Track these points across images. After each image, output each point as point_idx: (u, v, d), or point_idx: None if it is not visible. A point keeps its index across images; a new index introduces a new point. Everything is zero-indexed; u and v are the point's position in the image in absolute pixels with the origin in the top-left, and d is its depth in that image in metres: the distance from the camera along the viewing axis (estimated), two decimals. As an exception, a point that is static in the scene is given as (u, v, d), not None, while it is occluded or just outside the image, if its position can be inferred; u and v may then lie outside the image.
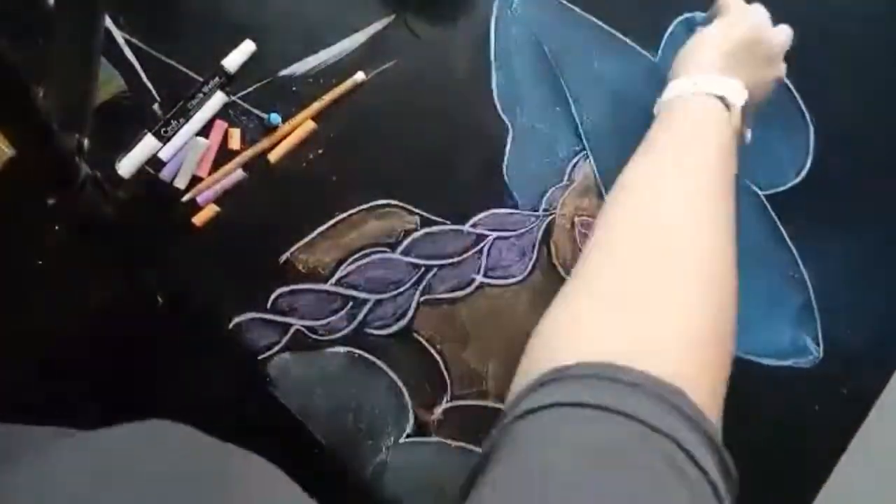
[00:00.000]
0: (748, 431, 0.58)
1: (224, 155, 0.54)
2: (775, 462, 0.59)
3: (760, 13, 0.51)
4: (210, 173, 0.53)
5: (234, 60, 0.53)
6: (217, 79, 0.53)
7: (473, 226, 0.56)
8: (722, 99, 0.44)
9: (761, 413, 0.58)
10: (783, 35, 0.52)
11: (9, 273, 0.52)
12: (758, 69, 0.49)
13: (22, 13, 0.51)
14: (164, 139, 0.52)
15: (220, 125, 0.53)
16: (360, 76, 0.55)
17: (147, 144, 0.52)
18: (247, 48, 0.54)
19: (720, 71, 0.46)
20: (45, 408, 0.52)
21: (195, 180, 0.53)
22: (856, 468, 0.58)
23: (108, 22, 0.53)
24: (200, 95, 0.53)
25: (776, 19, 0.55)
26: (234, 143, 0.54)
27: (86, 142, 0.37)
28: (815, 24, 0.61)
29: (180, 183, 0.53)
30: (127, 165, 0.51)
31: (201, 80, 0.53)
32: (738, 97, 0.44)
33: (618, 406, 0.27)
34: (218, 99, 0.53)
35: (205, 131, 0.53)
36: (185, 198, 0.53)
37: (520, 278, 0.57)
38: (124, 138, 0.52)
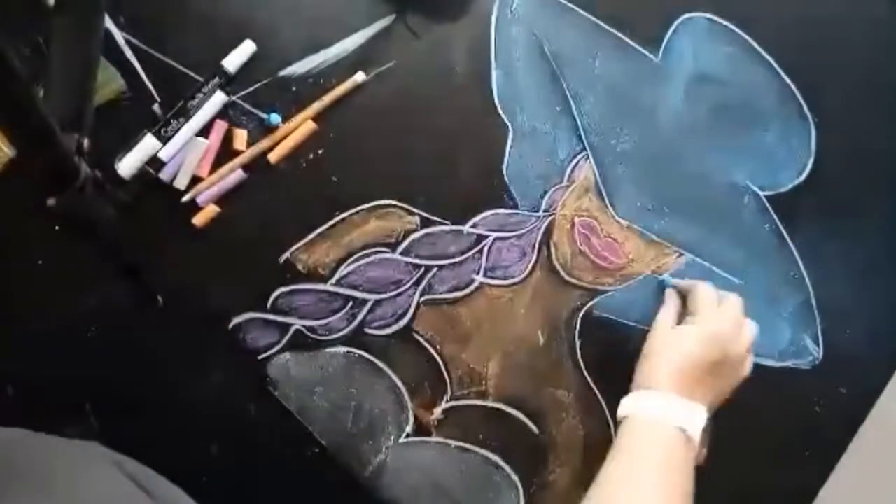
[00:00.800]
0: (748, 432, 0.58)
1: (227, 155, 0.54)
2: (776, 462, 0.59)
3: (729, 318, 0.51)
4: (210, 173, 0.53)
5: (234, 61, 0.53)
6: (217, 79, 0.53)
7: (473, 226, 0.56)
8: (682, 430, 0.46)
9: (761, 414, 0.58)
10: (749, 336, 0.52)
11: (9, 273, 0.52)
12: (724, 383, 0.51)
13: (22, 13, 0.51)
14: (164, 139, 0.52)
15: (221, 125, 0.53)
16: (360, 76, 0.55)
17: (147, 144, 0.52)
18: (247, 49, 0.54)
19: (686, 394, 0.48)
20: (45, 408, 0.52)
21: (196, 180, 0.53)
22: (856, 468, 0.58)
23: (108, 22, 0.53)
24: (200, 95, 0.53)
25: (779, 19, 0.55)
26: (240, 143, 0.54)
27: (86, 142, 0.37)
28: (816, 25, 0.62)
29: (180, 183, 0.53)
30: (127, 165, 0.51)
31: (201, 79, 0.53)
32: (697, 429, 0.46)
33: None
34: (218, 99, 0.53)
35: (205, 131, 0.53)
36: (186, 198, 0.53)
37: (520, 279, 0.57)
38: (124, 138, 0.52)
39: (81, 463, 0.30)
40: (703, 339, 0.50)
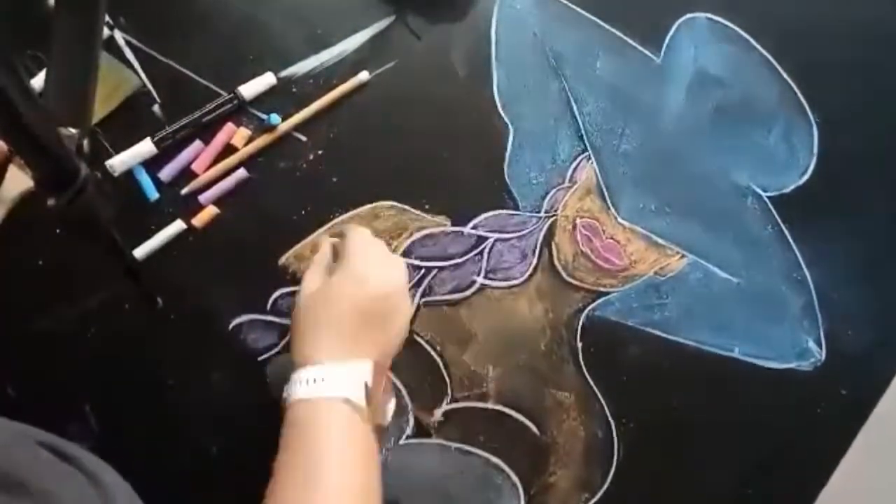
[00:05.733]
0: (750, 434, 0.58)
1: (227, 155, 0.54)
2: (777, 463, 0.58)
3: (370, 266, 0.46)
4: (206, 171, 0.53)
5: (251, 89, 0.53)
6: (230, 105, 0.53)
7: (474, 227, 0.56)
8: (346, 400, 0.41)
9: (763, 415, 0.58)
10: (400, 271, 0.47)
11: (9, 273, 0.52)
12: (384, 329, 0.45)
13: (22, 14, 0.51)
14: (163, 148, 0.52)
15: (230, 127, 0.53)
16: (363, 75, 0.55)
17: (143, 149, 0.52)
18: (267, 80, 0.54)
19: (345, 350, 0.43)
20: (45, 408, 0.52)
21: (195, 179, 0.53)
22: (858, 470, 0.58)
23: (108, 22, 0.53)
24: (211, 115, 0.53)
25: (781, 18, 0.55)
26: (240, 143, 0.53)
27: (86, 142, 0.37)
28: (818, 25, 0.61)
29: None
30: (118, 163, 0.51)
31: (202, 80, 0.53)
32: (360, 393, 0.41)
33: None
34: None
35: (212, 130, 0.53)
36: (185, 190, 0.53)
37: (521, 280, 0.57)
38: (124, 139, 0.52)
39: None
40: (348, 288, 0.44)
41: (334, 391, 0.41)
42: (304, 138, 0.55)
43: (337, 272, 0.46)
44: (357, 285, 0.45)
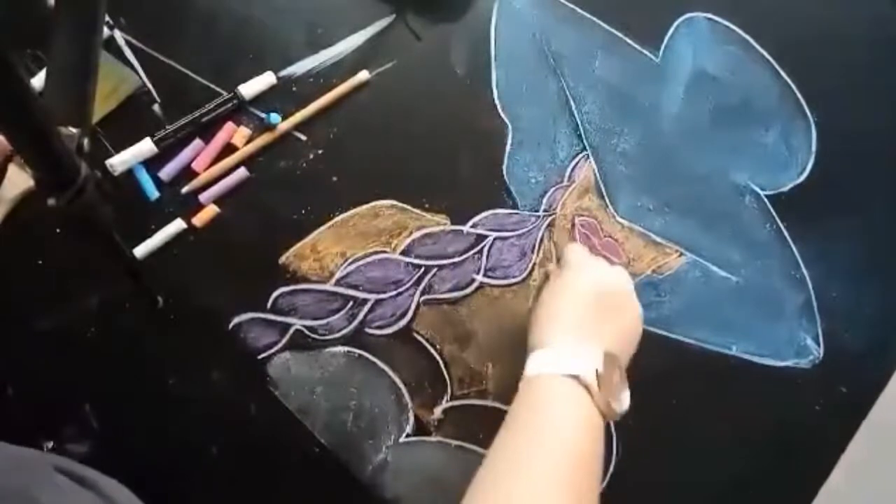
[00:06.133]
0: (749, 431, 0.58)
1: (227, 154, 0.54)
2: (776, 461, 0.59)
3: (594, 259, 0.50)
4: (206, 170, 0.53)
5: (251, 88, 0.53)
6: (230, 104, 0.53)
7: (473, 226, 0.56)
8: (577, 378, 0.43)
9: (762, 413, 0.58)
10: (625, 277, 0.50)
11: (9, 273, 0.52)
12: (616, 321, 0.47)
13: (22, 13, 0.51)
14: (163, 147, 0.52)
15: (228, 126, 0.53)
16: (363, 75, 0.55)
17: (143, 148, 0.52)
18: (267, 79, 0.54)
19: (576, 338, 0.45)
20: (45, 408, 0.52)
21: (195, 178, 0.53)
22: (856, 468, 0.58)
23: (108, 21, 0.53)
24: (211, 115, 0.53)
25: (779, 18, 0.55)
26: (240, 142, 0.54)
27: (86, 142, 0.37)
28: (817, 25, 0.62)
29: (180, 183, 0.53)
30: (118, 163, 0.52)
31: (203, 81, 0.53)
32: (591, 373, 0.43)
33: None
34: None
35: (212, 129, 0.53)
36: (185, 189, 0.53)
37: (520, 278, 0.57)
38: (124, 138, 0.52)
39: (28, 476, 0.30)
40: (579, 282, 0.48)
41: (565, 369, 0.43)
42: (304, 138, 0.55)
43: (568, 271, 0.49)
44: (585, 276, 0.48)
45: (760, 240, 0.60)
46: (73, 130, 0.37)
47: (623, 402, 0.45)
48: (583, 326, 0.46)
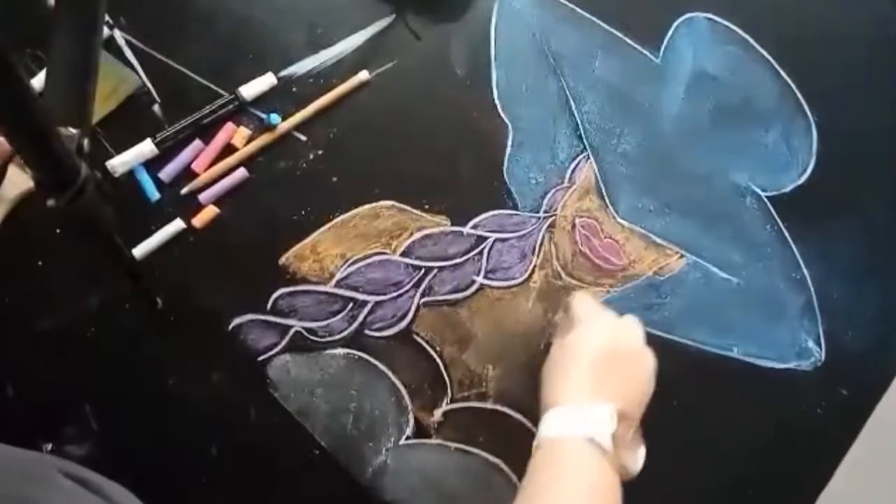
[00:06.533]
0: (750, 433, 0.58)
1: (227, 154, 0.54)
2: (778, 464, 0.58)
3: (607, 314, 0.49)
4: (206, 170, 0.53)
5: (252, 89, 0.53)
6: (231, 106, 0.53)
7: (474, 227, 0.56)
8: (592, 440, 0.42)
9: (763, 415, 0.58)
10: (637, 326, 0.49)
11: (9, 273, 0.52)
12: (630, 377, 0.47)
13: (22, 13, 0.51)
14: (163, 148, 0.52)
15: (228, 126, 0.53)
16: (363, 75, 0.55)
17: (143, 149, 0.52)
18: (267, 80, 0.54)
19: (589, 396, 0.45)
20: (45, 408, 0.52)
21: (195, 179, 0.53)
22: (858, 470, 0.58)
23: (108, 21, 0.53)
24: (211, 116, 0.53)
25: (780, 18, 0.55)
26: (240, 142, 0.54)
27: (86, 142, 0.37)
28: (817, 25, 0.61)
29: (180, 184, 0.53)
30: (119, 167, 0.52)
31: (203, 81, 0.53)
32: (605, 434, 0.42)
33: None
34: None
35: (212, 130, 0.53)
36: (185, 190, 0.53)
37: (520, 280, 0.57)
38: (125, 138, 0.52)
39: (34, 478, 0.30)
40: (589, 338, 0.47)
41: (579, 431, 0.43)
42: (304, 138, 0.55)
43: (579, 327, 0.49)
44: (595, 333, 0.48)
45: (761, 241, 0.60)
46: (73, 131, 0.37)
47: (638, 460, 0.45)
48: (596, 385, 0.45)
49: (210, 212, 0.53)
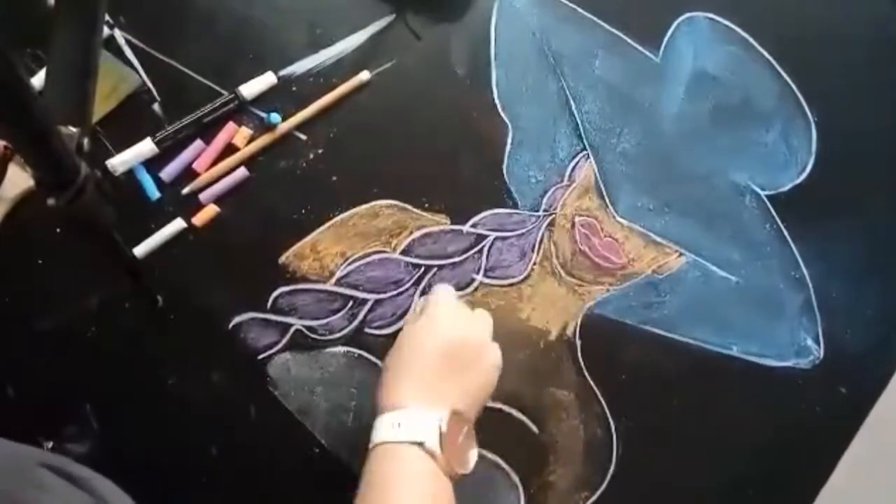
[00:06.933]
0: (749, 432, 0.58)
1: (228, 154, 0.54)
2: (777, 461, 0.58)
3: (446, 319, 0.48)
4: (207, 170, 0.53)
5: (252, 88, 0.53)
6: (231, 105, 0.53)
7: (473, 226, 0.56)
8: (421, 445, 0.42)
9: (762, 413, 0.58)
10: (485, 324, 0.49)
11: (9, 273, 0.52)
12: (470, 375, 0.46)
13: (22, 13, 0.51)
14: (163, 147, 0.52)
15: (230, 126, 0.53)
16: (364, 75, 0.55)
17: (143, 148, 0.52)
18: (267, 79, 0.54)
19: (424, 398, 0.44)
20: (45, 408, 0.52)
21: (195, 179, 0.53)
22: (857, 468, 0.58)
23: (108, 21, 0.53)
24: (211, 115, 0.53)
25: (780, 18, 0.55)
26: (241, 142, 0.54)
27: (86, 141, 0.37)
28: (817, 25, 0.61)
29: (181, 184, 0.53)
30: (118, 163, 0.52)
31: (204, 81, 0.53)
32: (434, 440, 0.42)
33: None
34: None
35: (212, 129, 0.53)
36: (186, 190, 0.53)
37: (520, 278, 0.57)
38: (125, 138, 0.52)
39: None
40: (435, 329, 0.47)
41: (409, 436, 0.43)
42: (304, 137, 0.55)
43: (430, 315, 0.48)
44: (434, 330, 0.47)
45: (760, 240, 0.60)
46: (73, 130, 0.37)
47: (468, 462, 0.44)
48: (432, 386, 0.45)
49: (210, 211, 0.53)
